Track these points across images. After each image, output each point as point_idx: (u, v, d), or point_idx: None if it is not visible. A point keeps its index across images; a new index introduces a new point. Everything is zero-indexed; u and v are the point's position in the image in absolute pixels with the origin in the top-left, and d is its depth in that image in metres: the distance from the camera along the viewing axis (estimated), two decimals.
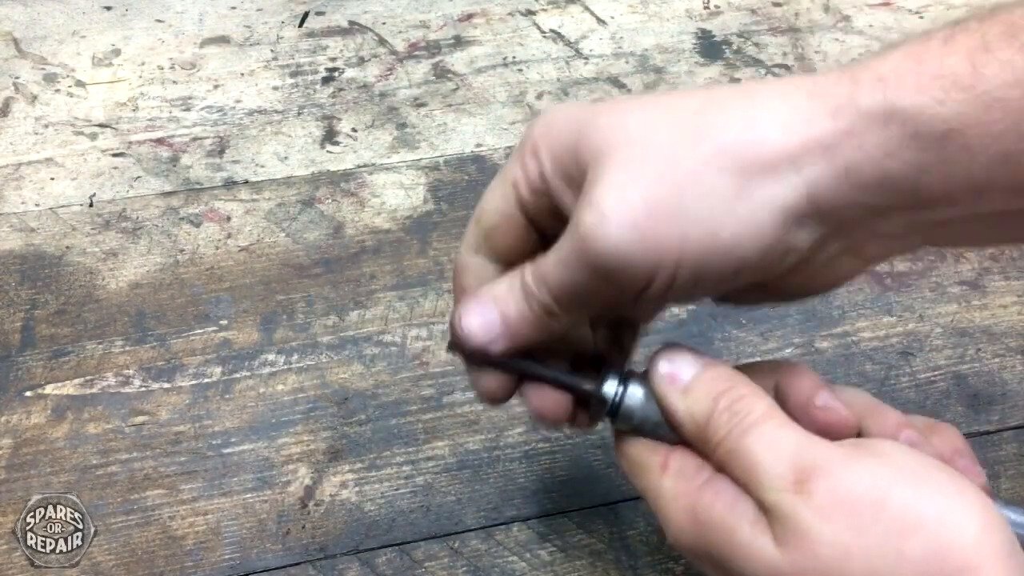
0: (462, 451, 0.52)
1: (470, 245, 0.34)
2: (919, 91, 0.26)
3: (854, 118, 0.26)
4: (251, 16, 0.81)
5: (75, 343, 0.57)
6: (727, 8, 0.81)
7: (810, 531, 0.27)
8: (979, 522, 0.26)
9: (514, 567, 0.48)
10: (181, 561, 0.48)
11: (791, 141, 0.27)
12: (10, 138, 0.70)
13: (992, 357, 0.56)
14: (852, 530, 0.26)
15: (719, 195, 0.27)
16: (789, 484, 0.27)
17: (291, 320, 0.58)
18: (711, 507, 0.29)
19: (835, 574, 0.26)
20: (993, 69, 0.25)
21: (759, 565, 0.27)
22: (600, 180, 0.28)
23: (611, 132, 0.28)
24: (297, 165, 0.68)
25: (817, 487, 0.27)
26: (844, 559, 0.26)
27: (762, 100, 0.28)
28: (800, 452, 0.28)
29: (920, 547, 0.26)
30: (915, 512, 0.26)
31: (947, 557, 0.26)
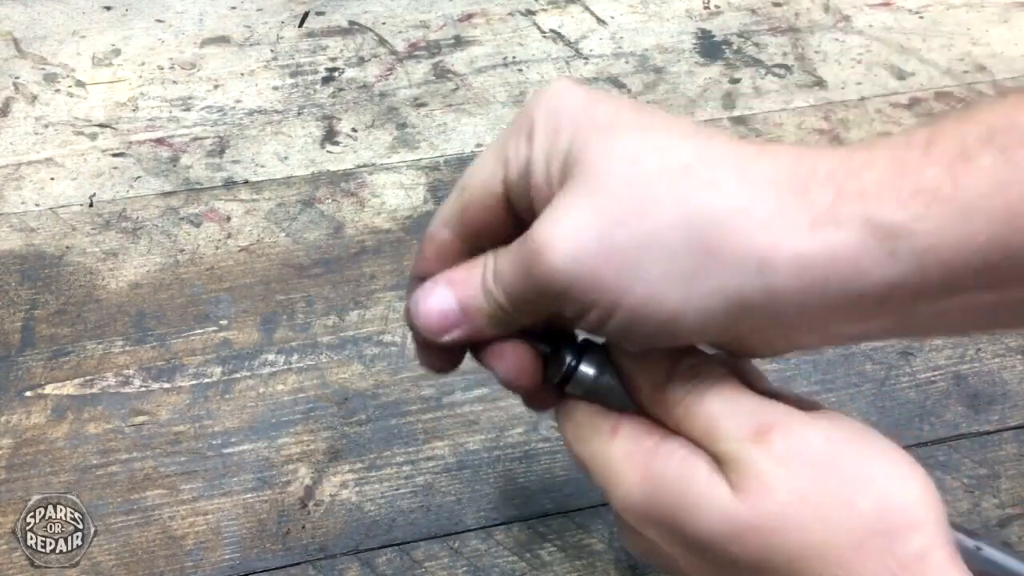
0: (462, 451, 0.52)
1: (445, 216, 0.33)
2: (900, 208, 0.25)
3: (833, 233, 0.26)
4: (251, 16, 0.81)
5: (75, 343, 0.57)
6: (727, 8, 0.81)
7: (767, 478, 0.27)
8: (921, 487, 0.28)
9: (514, 567, 0.48)
10: (181, 561, 0.48)
11: (764, 244, 0.26)
12: (10, 138, 0.70)
13: (992, 357, 0.56)
14: (809, 480, 0.27)
15: (676, 266, 0.26)
16: (749, 435, 0.28)
17: (291, 320, 0.58)
18: (666, 463, 0.29)
19: (788, 520, 0.27)
20: (973, 178, 0.25)
21: (715, 514, 0.28)
22: (567, 198, 0.28)
23: (600, 152, 0.28)
24: (297, 165, 0.68)
25: (776, 438, 0.28)
26: (800, 507, 0.27)
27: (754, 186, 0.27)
28: (760, 409, 0.29)
29: (871, 501, 0.27)
30: (867, 470, 0.27)
31: (892, 513, 0.27)
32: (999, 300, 0.27)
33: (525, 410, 0.53)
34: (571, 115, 0.29)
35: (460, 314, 0.32)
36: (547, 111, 0.30)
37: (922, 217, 0.25)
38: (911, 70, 0.75)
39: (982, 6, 0.81)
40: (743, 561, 0.28)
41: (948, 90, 0.73)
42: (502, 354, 0.33)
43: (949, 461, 0.51)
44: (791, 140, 0.69)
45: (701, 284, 0.26)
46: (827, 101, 0.72)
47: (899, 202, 0.25)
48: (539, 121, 0.30)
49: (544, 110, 0.30)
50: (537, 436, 0.52)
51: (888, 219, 0.25)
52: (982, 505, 0.50)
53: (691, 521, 0.28)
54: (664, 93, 0.73)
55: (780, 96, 0.73)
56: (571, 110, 0.30)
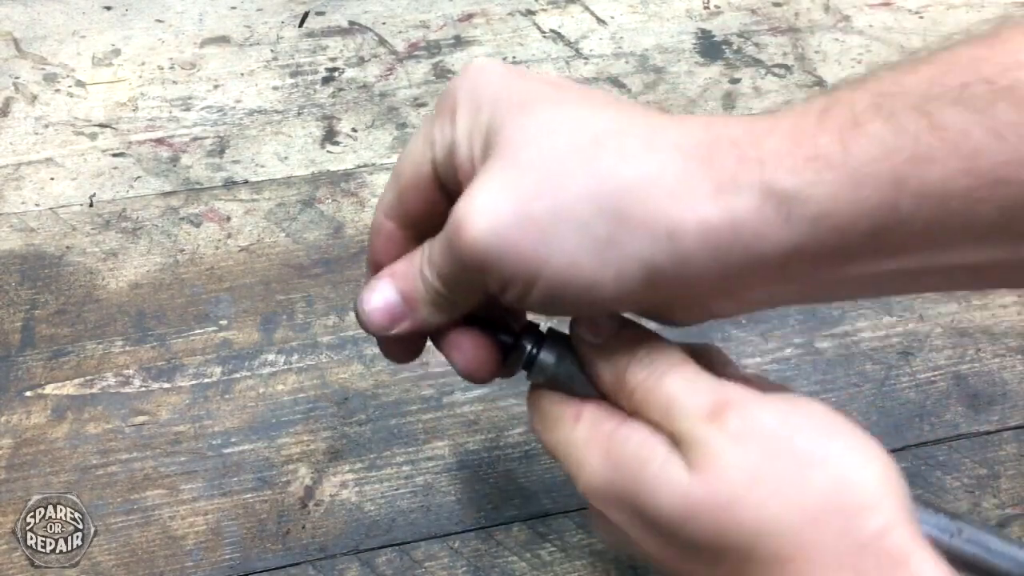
0: (462, 451, 0.52)
1: (385, 206, 0.34)
2: (795, 173, 0.26)
3: (733, 200, 0.26)
4: (251, 16, 0.81)
5: (75, 343, 0.57)
6: (727, 8, 0.81)
7: (722, 455, 0.27)
8: (881, 467, 0.27)
9: (514, 567, 0.48)
10: (181, 561, 0.48)
11: (672, 212, 0.27)
12: (10, 138, 0.70)
13: (992, 357, 0.56)
14: (762, 457, 0.27)
15: (591, 234, 0.27)
16: (704, 414, 0.28)
17: (291, 320, 0.58)
18: (624, 444, 0.30)
19: (743, 498, 0.27)
20: (862, 144, 0.25)
21: (670, 493, 0.28)
22: (485, 175, 0.28)
23: (516, 128, 0.28)
24: (297, 165, 0.68)
25: (731, 417, 0.28)
26: (753, 483, 0.27)
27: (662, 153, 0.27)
28: (717, 389, 0.29)
29: (824, 479, 0.27)
30: (822, 448, 0.27)
31: (848, 491, 0.27)
32: (897, 268, 0.27)
33: (525, 410, 0.53)
34: (491, 93, 0.30)
35: (403, 306, 0.32)
36: (468, 90, 0.30)
37: (815, 183, 0.26)
38: None
39: (982, 6, 0.81)
40: (701, 540, 0.28)
41: None
42: (459, 345, 0.34)
43: (949, 461, 0.51)
44: None
45: (615, 253, 0.27)
46: None
47: (794, 169, 0.26)
48: (461, 100, 0.30)
49: (465, 89, 0.31)
50: None
51: (782, 185, 0.26)
52: (982, 505, 0.50)
53: (650, 500, 0.28)
54: (664, 93, 0.73)
55: (780, 96, 0.73)
56: (490, 87, 0.30)
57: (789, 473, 0.27)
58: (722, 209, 0.26)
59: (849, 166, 0.25)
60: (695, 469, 0.28)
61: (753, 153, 0.27)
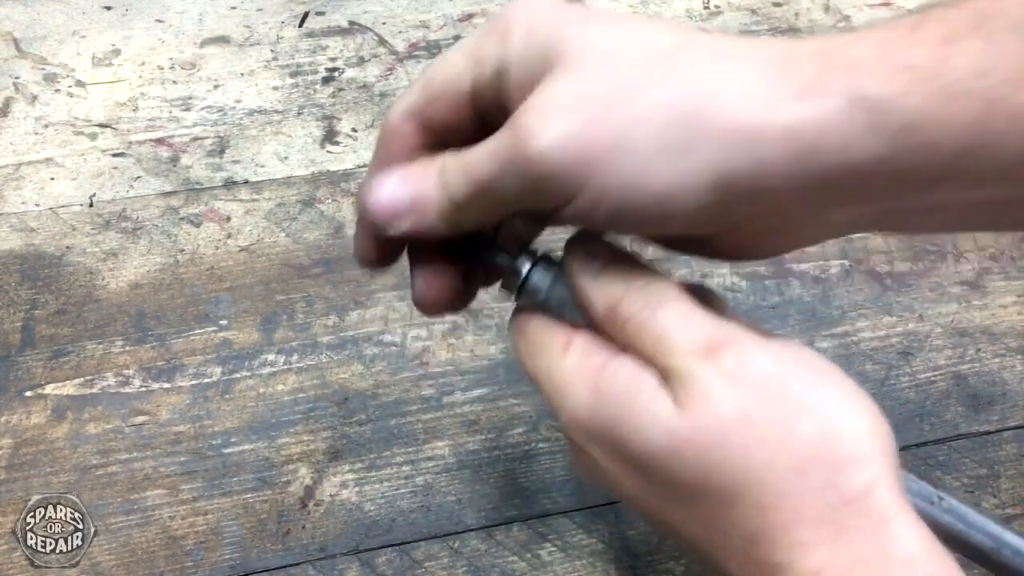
0: (462, 451, 0.52)
1: (407, 106, 0.32)
2: (886, 82, 0.25)
3: (818, 104, 0.26)
4: (251, 16, 0.81)
5: (75, 343, 0.57)
6: (727, 8, 0.81)
7: (712, 393, 0.27)
8: (871, 422, 0.27)
9: (514, 567, 0.48)
10: (181, 561, 0.48)
11: (751, 116, 0.26)
12: (10, 138, 0.70)
13: (992, 357, 0.56)
14: (753, 399, 0.26)
15: (663, 145, 0.26)
16: (699, 350, 0.27)
17: (291, 320, 0.58)
18: (614, 376, 0.29)
19: (729, 438, 0.26)
20: (959, 60, 0.25)
21: (655, 427, 0.27)
22: (552, 86, 0.27)
23: (581, 41, 0.28)
24: (297, 165, 0.68)
25: (726, 355, 0.27)
26: (740, 424, 0.26)
27: (733, 65, 0.27)
28: (713, 326, 0.28)
29: (813, 428, 0.26)
30: (814, 396, 0.27)
31: (836, 443, 0.26)
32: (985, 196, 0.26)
33: (525, 410, 0.53)
34: (547, 15, 0.29)
35: (410, 205, 0.31)
36: (523, 14, 0.30)
37: (906, 93, 0.25)
38: None
39: None
40: (682, 478, 0.27)
41: None
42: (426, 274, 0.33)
43: (949, 461, 0.51)
44: None
45: (690, 161, 0.26)
46: None
47: (885, 77, 0.25)
48: (515, 20, 0.30)
49: (519, 12, 0.30)
50: (537, 436, 0.52)
51: (873, 92, 0.25)
52: (982, 505, 0.50)
53: (633, 434, 0.28)
54: None
55: None
56: (546, 10, 0.29)
57: (779, 418, 0.26)
58: (806, 113, 0.25)
59: (944, 79, 0.25)
60: (684, 405, 0.27)
61: (838, 60, 0.26)
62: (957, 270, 0.61)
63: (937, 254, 0.61)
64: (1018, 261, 0.61)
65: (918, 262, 0.61)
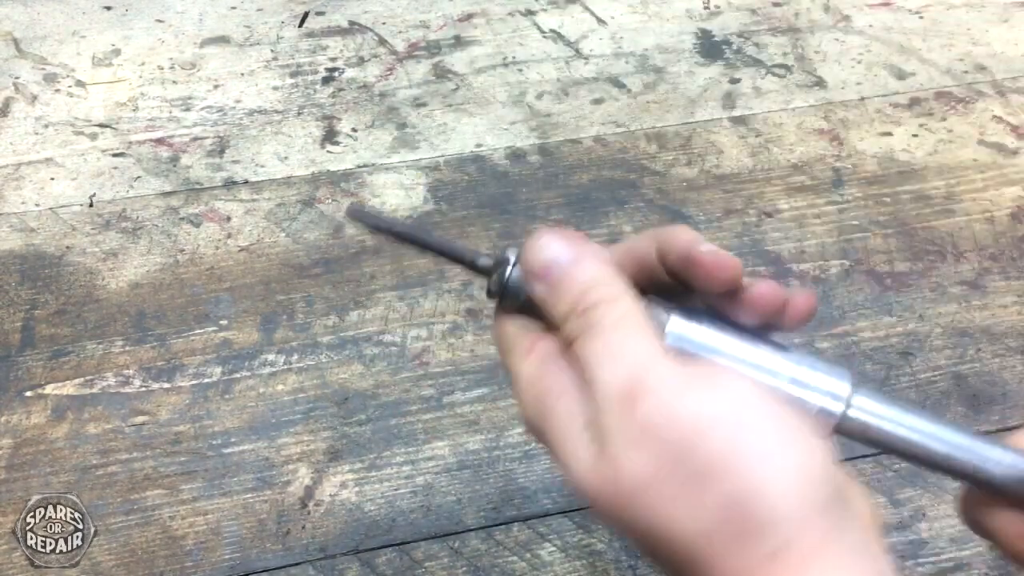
0: (462, 451, 0.52)
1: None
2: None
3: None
4: (251, 16, 0.81)
5: (75, 343, 0.57)
6: (727, 8, 0.81)
7: (623, 452, 0.27)
8: (797, 473, 0.26)
9: (514, 567, 0.48)
10: (181, 561, 0.48)
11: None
12: (10, 138, 0.70)
13: (992, 357, 0.56)
14: (658, 463, 0.26)
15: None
16: (619, 394, 0.27)
17: (291, 320, 0.58)
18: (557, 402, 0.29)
19: (637, 498, 0.27)
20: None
21: (578, 470, 0.28)
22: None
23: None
24: (297, 165, 0.68)
25: (640, 407, 0.27)
26: (643, 490, 0.26)
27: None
28: (637, 366, 0.28)
29: (723, 494, 0.26)
30: (729, 455, 0.26)
31: (750, 508, 0.25)
32: None
33: None
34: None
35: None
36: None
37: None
38: (911, 70, 0.75)
39: (982, 6, 0.81)
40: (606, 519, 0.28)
41: (948, 90, 0.73)
42: None
43: None
44: (791, 140, 0.69)
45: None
46: (827, 101, 0.72)
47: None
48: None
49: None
50: None
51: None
52: None
53: (562, 467, 0.29)
54: (664, 93, 0.73)
55: (780, 96, 0.73)
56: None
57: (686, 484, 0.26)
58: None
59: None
60: (600, 455, 0.27)
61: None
62: (957, 270, 0.61)
63: (937, 254, 0.61)
64: (1018, 261, 0.61)
65: (918, 262, 0.61)
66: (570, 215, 0.63)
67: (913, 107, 0.72)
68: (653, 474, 0.26)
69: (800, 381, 0.29)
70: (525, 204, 0.64)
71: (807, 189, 0.66)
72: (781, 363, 0.29)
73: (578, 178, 0.66)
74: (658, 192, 0.65)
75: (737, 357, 0.29)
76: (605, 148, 0.69)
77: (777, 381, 0.29)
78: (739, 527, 0.26)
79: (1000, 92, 0.73)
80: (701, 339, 0.30)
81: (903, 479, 0.51)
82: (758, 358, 0.29)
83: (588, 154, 0.68)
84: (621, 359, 0.28)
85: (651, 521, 0.27)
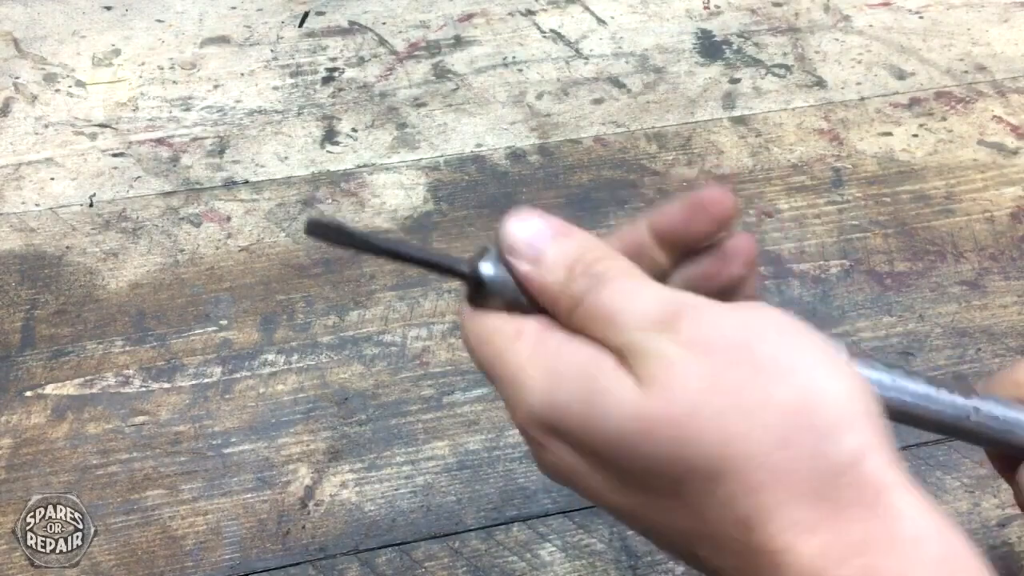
0: (462, 451, 0.52)
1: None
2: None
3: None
4: (251, 16, 0.81)
5: (75, 343, 0.57)
6: (727, 8, 0.81)
7: (675, 364, 0.24)
8: (850, 384, 0.25)
9: (514, 567, 0.48)
10: (181, 561, 0.48)
11: None
12: (10, 138, 0.70)
13: (992, 357, 0.56)
14: (720, 367, 0.24)
15: None
16: (653, 323, 0.25)
17: (291, 320, 0.58)
18: (569, 361, 0.26)
19: (701, 411, 0.24)
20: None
21: (620, 411, 0.25)
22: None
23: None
24: (297, 165, 0.68)
25: (684, 325, 0.25)
26: (710, 395, 0.24)
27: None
28: (666, 297, 0.26)
29: (790, 394, 0.24)
30: (787, 359, 0.25)
31: (817, 408, 0.24)
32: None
33: None
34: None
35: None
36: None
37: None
38: (911, 70, 0.75)
39: (982, 6, 0.81)
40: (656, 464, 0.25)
41: (948, 90, 0.73)
42: None
43: (949, 461, 0.51)
44: (791, 140, 0.69)
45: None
46: (827, 101, 0.72)
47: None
48: None
49: None
50: None
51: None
52: (982, 505, 0.50)
53: (598, 422, 0.25)
54: (664, 93, 0.73)
55: (780, 96, 0.73)
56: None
57: (752, 384, 0.24)
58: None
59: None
60: (647, 383, 0.25)
61: None
62: (957, 270, 0.61)
63: (937, 254, 0.61)
64: (1018, 261, 0.61)
65: (918, 262, 0.61)
66: (570, 215, 0.63)
67: (913, 107, 0.72)
68: (714, 384, 0.24)
69: None
70: (525, 204, 0.64)
71: (807, 189, 0.66)
72: None
73: (578, 178, 0.66)
74: (658, 192, 0.65)
75: None
76: (605, 148, 0.69)
77: None
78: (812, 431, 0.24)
79: (1000, 92, 0.73)
80: None
81: None
82: None
83: (588, 154, 0.68)
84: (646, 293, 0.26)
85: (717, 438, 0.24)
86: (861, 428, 0.24)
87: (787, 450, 0.24)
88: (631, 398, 0.25)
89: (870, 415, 0.25)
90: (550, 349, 0.27)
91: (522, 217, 0.29)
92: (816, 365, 0.25)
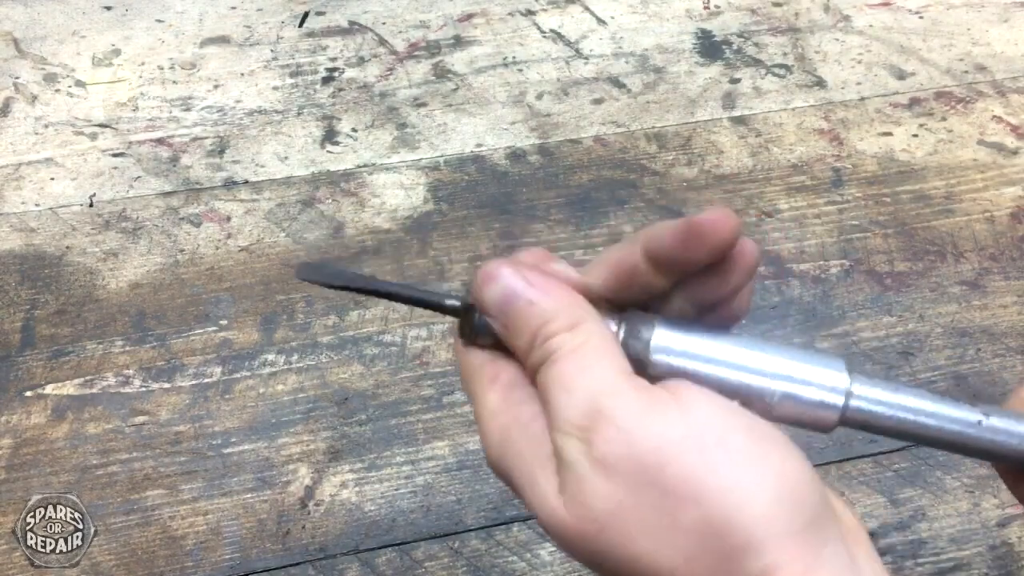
0: (462, 451, 0.52)
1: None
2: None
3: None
4: (251, 16, 0.81)
5: (75, 343, 0.57)
6: (727, 8, 0.81)
7: (585, 482, 0.26)
8: (772, 495, 0.25)
9: (514, 567, 0.48)
10: (181, 561, 0.48)
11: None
12: (10, 138, 0.70)
13: (992, 357, 0.56)
14: (628, 488, 0.25)
15: None
16: (575, 429, 0.26)
17: (291, 320, 0.58)
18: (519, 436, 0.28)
19: (607, 531, 0.26)
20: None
21: (545, 507, 0.27)
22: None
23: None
24: (297, 165, 0.68)
25: (600, 437, 0.26)
26: (618, 517, 0.25)
27: None
28: (596, 396, 0.27)
29: (697, 520, 0.25)
30: (697, 481, 0.25)
31: (726, 532, 0.25)
32: None
33: None
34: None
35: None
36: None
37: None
38: (911, 70, 0.75)
39: (982, 6, 0.81)
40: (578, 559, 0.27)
41: (948, 90, 0.73)
42: None
43: (949, 461, 0.51)
44: (791, 140, 0.69)
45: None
46: (827, 101, 0.72)
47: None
48: None
49: None
50: None
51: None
52: (982, 505, 0.50)
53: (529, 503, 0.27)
54: (664, 93, 0.73)
55: (780, 96, 0.73)
56: None
57: (660, 507, 0.25)
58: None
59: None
60: (565, 492, 0.26)
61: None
62: (957, 270, 0.61)
63: (937, 254, 0.61)
64: (1018, 261, 0.61)
65: (918, 262, 0.61)
66: (570, 215, 0.63)
67: (913, 107, 0.72)
68: (621, 505, 0.25)
69: (795, 378, 0.28)
70: (525, 204, 0.64)
71: (807, 189, 0.66)
72: (774, 362, 0.28)
73: (578, 178, 0.66)
74: (658, 192, 0.65)
75: (728, 361, 0.29)
76: (605, 148, 0.69)
77: (771, 381, 0.28)
78: (719, 554, 0.25)
79: (1000, 92, 0.73)
80: (689, 347, 0.29)
81: (903, 479, 0.51)
82: (750, 360, 0.28)
83: (588, 154, 0.68)
84: (578, 389, 0.27)
85: (625, 554, 0.26)
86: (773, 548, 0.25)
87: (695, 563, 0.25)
88: (552, 504, 0.27)
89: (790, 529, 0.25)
90: (511, 406, 0.29)
91: (492, 275, 0.29)
92: (733, 484, 0.25)
